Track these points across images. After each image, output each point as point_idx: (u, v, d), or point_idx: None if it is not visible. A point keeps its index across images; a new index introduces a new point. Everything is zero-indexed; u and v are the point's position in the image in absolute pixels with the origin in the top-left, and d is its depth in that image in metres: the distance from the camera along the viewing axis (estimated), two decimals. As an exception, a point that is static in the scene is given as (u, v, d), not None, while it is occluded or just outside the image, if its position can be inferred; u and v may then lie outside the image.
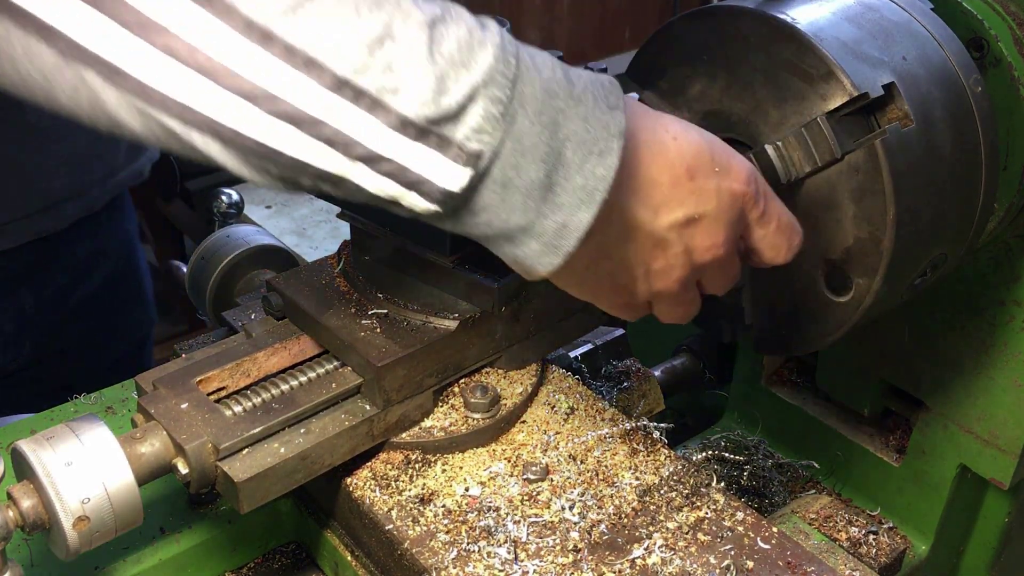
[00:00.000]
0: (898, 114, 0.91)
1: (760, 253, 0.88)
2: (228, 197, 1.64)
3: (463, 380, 1.07)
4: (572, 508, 0.95)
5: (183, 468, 0.89)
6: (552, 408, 1.08)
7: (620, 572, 0.90)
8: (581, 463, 1.01)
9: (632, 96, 1.07)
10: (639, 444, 1.04)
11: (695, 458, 1.37)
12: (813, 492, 1.39)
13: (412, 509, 0.95)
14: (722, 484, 1.00)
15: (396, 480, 0.99)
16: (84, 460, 0.82)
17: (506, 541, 0.92)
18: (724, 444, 1.46)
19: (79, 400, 1.20)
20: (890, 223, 0.91)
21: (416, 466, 1.00)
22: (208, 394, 0.96)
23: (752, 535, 0.94)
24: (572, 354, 1.29)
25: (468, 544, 0.91)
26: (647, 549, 0.92)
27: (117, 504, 0.83)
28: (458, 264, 1.02)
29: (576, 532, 0.93)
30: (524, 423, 1.06)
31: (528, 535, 0.93)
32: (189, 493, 1.05)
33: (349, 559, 1.03)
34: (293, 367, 1.02)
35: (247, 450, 0.91)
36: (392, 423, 1.00)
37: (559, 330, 1.12)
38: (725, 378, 1.55)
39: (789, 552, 0.92)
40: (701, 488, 0.99)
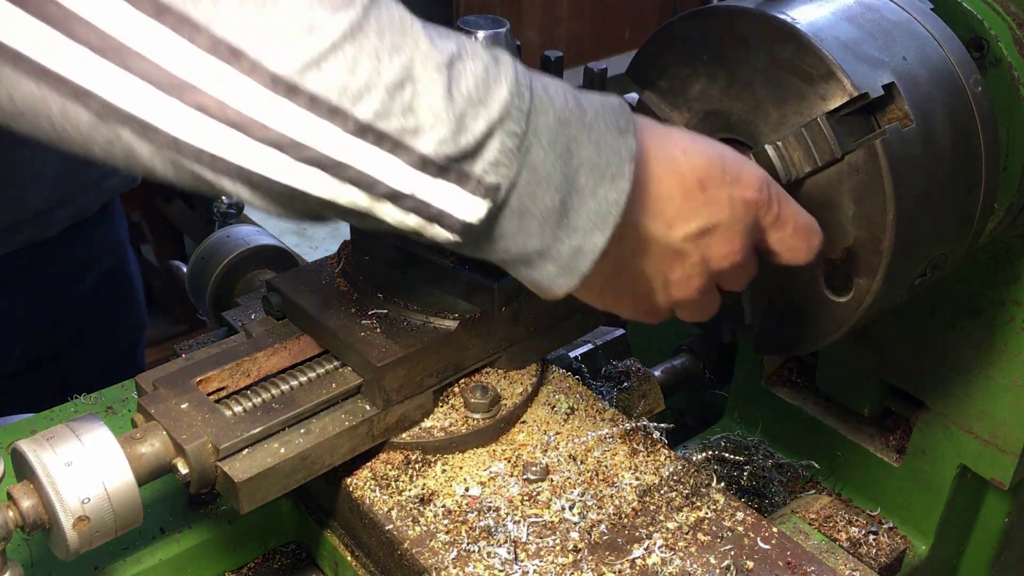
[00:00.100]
0: (898, 114, 0.91)
1: (779, 255, 0.90)
2: (228, 197, 1.63)
3: (463, 380, 1.07)
4: (572, 508, 0.95)
5: (183, 468, 0.89)
6: (552, 408, 1.08)
7: (620, 572, 0.90)
8: (581, 463, 1.01)
9: (632, 96, 1.07)
10: (639, 444, 1.04)
11: (695, 458, 1.37)
12: (813, 492, 1.39)
13: (412, 509, 0.95)
14: (722, 484, 1.00)
15: (396, 480, 0.99)
16: (84, 460, 0.82)
17: (506, 541, 0.92)
18: (724, 444, 1.46)
19: (79, 400, 1.20)
20: (890, 223, 0.91)
21: (416, 466, 1.00)
22: (208, 394, 0.96)
23: (752, 535, 0.94)
24: (572, 354, 1.29)
25: (468, 544, 0.91)
26: (647, 549, 0.92)
27: (117, 504, 0.83)
28: (458, 264, 1.02)
29: (576, 532, 0.93)
30: (524, 423, 1.06)
31: (528, 535, 0.93)
32: (189, 493, 1.05)
33: (349, 559, 1.03)
34: (293, 367, 1.02)
35: (247, 450, 0.91)
36: (392, 423, 1.00)
37: (559, 330, 1.12)
38: (725, 378, 1.55)
39: (789, 552, 0.92)
40: (701, 488, 0.99)
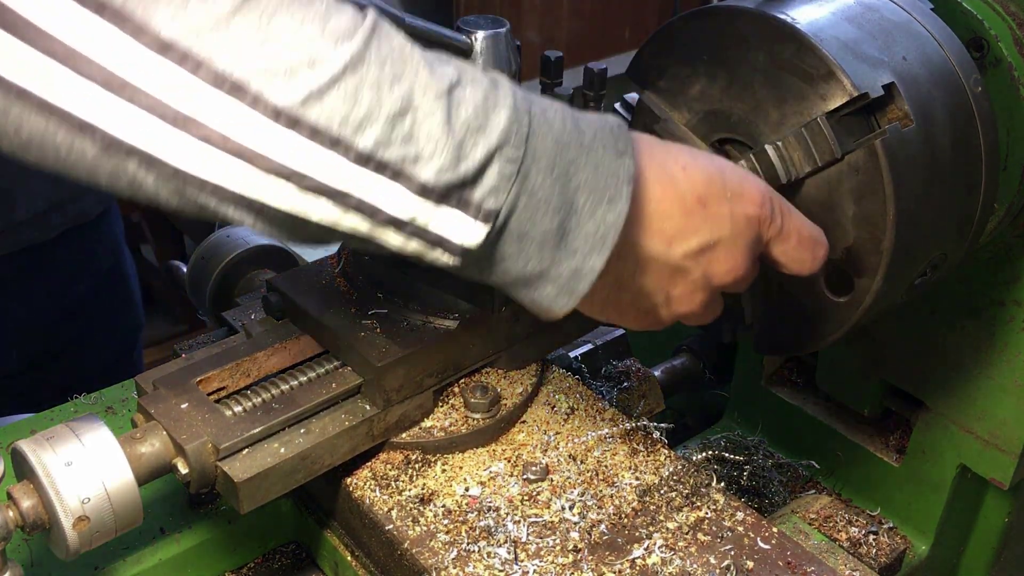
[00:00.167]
0: (898, 114, 0.91)
1: (784, 266, 0.90)
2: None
3: (463, 380, 1.07)
4: (572, 508, 0.95)
5: (183, 468, 0.89)
6: (552, 408, 1.08)
7: (620, 572, 0.90)
8: (581, 463, 1.01)
9: (632, 96, 1.07)
10: (639, 444, 1.04)
11: (695, 458, 1.37)
12: (813, 492, 1.39)
13: (412, 509, 0.95)
14: (722, 484, 1.00)
15: (396, 480, 0.99)
16: (84, 460, 0.82)
17: (506, 541, 0.92)
18: (724, 444, 1.46)
19: (79, 400, 1.20)
20: (890, 223, 0.90)
21: (416, 466, 1.00)
22: (208, 394, 0.96)
23: (752, 535, 0.94)
24: (572, 354, 1.29)
25: (468, 544, 0.91)
26: (647, 549, 0.92)
27: (117, 504, 0.83)
28: (458, 264, 1.02)
29: (576, 532, 0.93)
30: (524, 423, 1.06)
31: (528, 535, 0.93)
32: (189, 493, 1.05)
33: (349, 559, 1.03)
34: (293, 367, 1.02)
35: (247, 450, 0.91)
36: (392, 423, 1.00)
37: (559, 330, 1.12)
38: (725, 378, 1.54)
39: (789, 552, 0.92)
40: (701, 488, 0.99)
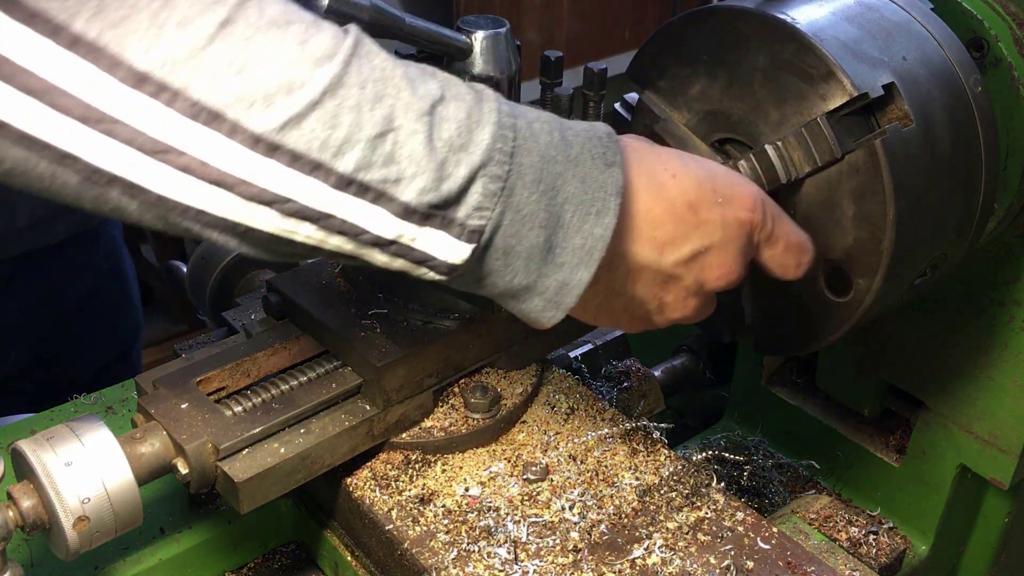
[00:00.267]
0: (898, 114, 0.91)
1: (769, 271, 0.90)
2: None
3: (463, 380, 1.07)
4: (572, 508, 0.95)
5: (183, 468, 0.89)
6: (552, 408, 1.08)
7: (620, 572, 0.90)
8: (581, 463, 1.01)
9: (632, 96, 1.07)
10: (639, 444, 1.04)
11: (695, 458, 1.36)
12: (813, 492, 1.39)
13: (412, 509, 0.95)
14: (722, 484, 1.00)
15: (396, 480, 0.99)
16: (84, 460, 0.82)
17: (506, 541, 0.92)
18: (724, 444, 1.46)
19: (79, 400, 1.20)
20: (890, 223, 0.90)
21: (416, 466, 1.00)
22: (208, 394, 0.96)
23: (752, 535, 0.94)
24: (572, 354, 1.29)
25: (468, 544, 0.91)
26: (647, 549, 0.92)
27: (117, 504, 0.83)
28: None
29: (576, 532, 0.93)
30: (524, 423, 1.06)
31: (528, 535, 0.93)
32: (189, 493, 1.05)
33: (349, 559, 1.03)
34: (293, 367, 1.02)
35: (247, 450, 0.91)
36: (392, 423, 1.00)
37: (559, 330, 1.12)
38: (725, 378, 1.54)
39: (789, 552, 0.92)
40: (701, 488, 0.99)
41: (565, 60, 1.10)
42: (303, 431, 0.95)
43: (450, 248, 0.72)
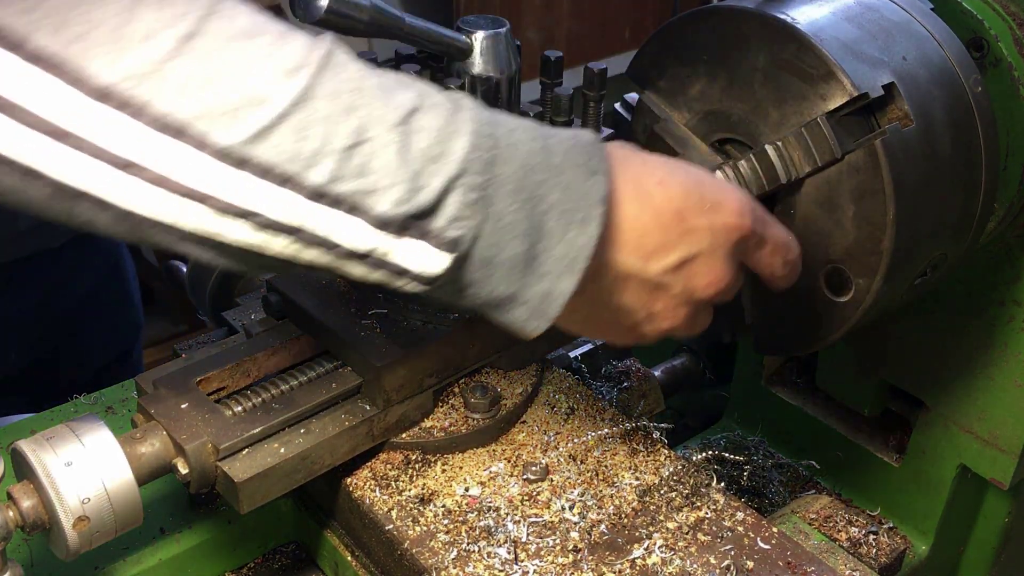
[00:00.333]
0: (898, 114, 0.91)
1: (757, 273, 0.89)
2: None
3: (463, 380, 1.07)
4: (572, 508, 0.95)
5: (183, 468, 0.89)
6: (552, 408, 1.08)
7: (620, 572, 0.90)
8: (581, 463, 1.01)
9: (632, 96, 1.07)
10: (639, 444, 1.04)
11: (695, 458, 1.37)
12: (813, 492, 1.39)
13: (412, 509, 0.95)
14: (722, 484, 1.00)
15: (396, 480, 0.99)
16: (84, 460, 0.82)
17: (506, 541, 0.92)
18: (724, 444, 1.46)
19: (79, 400, 1.20)
20: (890, 223, 0.90)
21: (416, 466, 1.00)
22: (208, 394, 0.96)
23: (752, 535, 0.94)
24: (572, 354, 1.29)
25: (468, 544, 0.91)
26: (647, 549, 0.92)
27: (117, 504, 0.83)
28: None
29: (576, 532, 0.93)
30: (524, 423, 1.06)
31: (528, 535, 0.93)
32: (189, 493, 1.05)
33: (349, 559, 1.03)
34: (293, 367, 1.02)
35: (247, 450, 0.91)
36: (392, 423, 1.00)
37: (559, 330, 1.12)
38: (725, 378, 1.55)
39: (789, 552, 0.92)
40: (701, 488, 0.99)
41: (565, 60, 1.10)
42: (303, 431, 0.95)
43: (429, 259, 0.71)
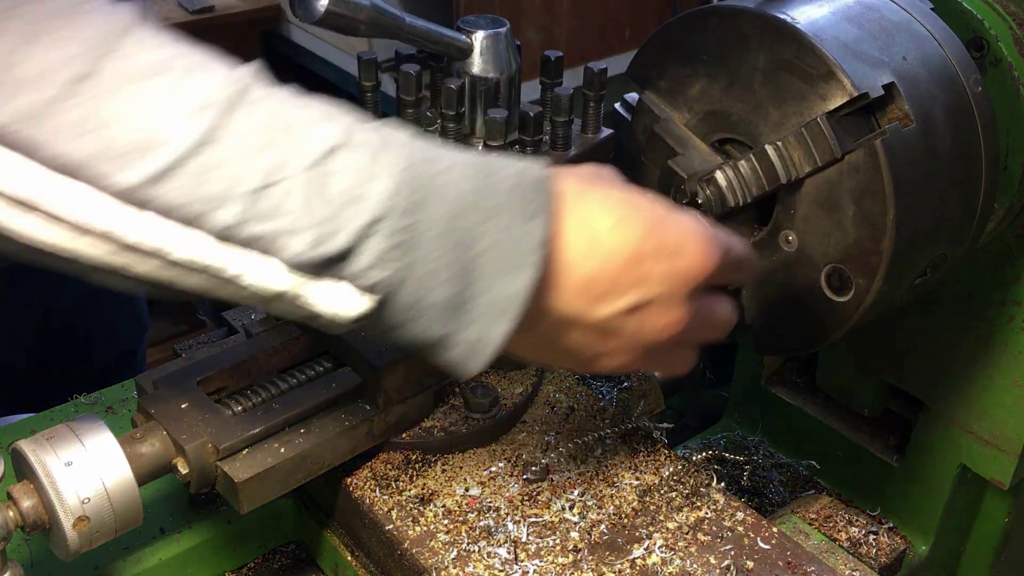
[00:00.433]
0: (898, 114, 0.91)
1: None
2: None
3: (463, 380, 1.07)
4: (572, 508, 0.95)
5: (183, 468, 0.89)
6: (552, 408, 1.08)
7: (620, 572, 0.90)
8: (581, 463, 1.01)
9: (632, 96, 1.07)
10: (639, 444, 1.04)
11: (695, 458, 1.36)
12: (813, 492, 1.39)
13: (412, 509, 0.95)
14: (722, 484, 1.00)
15: (396, 480, 0.99)
16: (84, 460, 0.82)
17: (506, 541, 0.92)
18: (724, 444, 1.46)
19: (79, 400, 1.20)
20: (890, 223, 0.90)
21: (416, 466, 1.00)
22: (208, 394, 0.96)
23: (752, 535, 0.94)
24: (572, 354, 1.28)
25: (468, 544, 0.91)
26: (647, 549, 0.92)
27: (117, 504, 0.83)
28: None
29: (576, 532, 0.93)
30: (524, 423, 1.06)
31: (528, 535, 0.93)
32: (189, 493, 1.05)
33: (349, 559, 1.03)
34: (293, 367, 1.02)
35: (247, 450, 0.91)
36: (392, 423, 1.00)
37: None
38: (725, 378, 1.55)
39: (789, 552, 0.92)
40: (701, 488, 0.99)
41: (565, 60, 1.10)
42: (303, 431, 0.95)
43: (347, 302, 0.68)
